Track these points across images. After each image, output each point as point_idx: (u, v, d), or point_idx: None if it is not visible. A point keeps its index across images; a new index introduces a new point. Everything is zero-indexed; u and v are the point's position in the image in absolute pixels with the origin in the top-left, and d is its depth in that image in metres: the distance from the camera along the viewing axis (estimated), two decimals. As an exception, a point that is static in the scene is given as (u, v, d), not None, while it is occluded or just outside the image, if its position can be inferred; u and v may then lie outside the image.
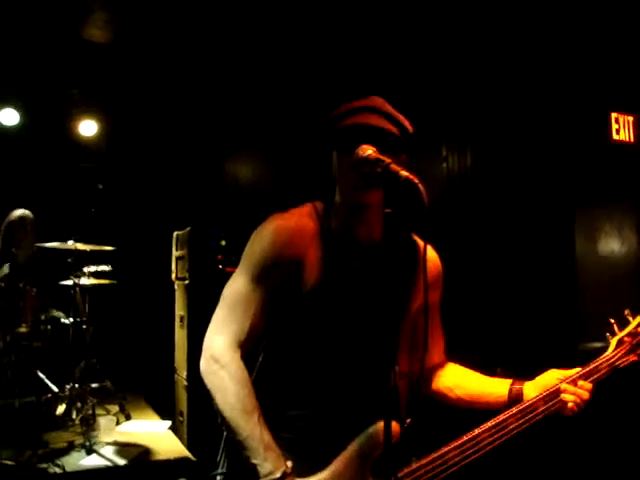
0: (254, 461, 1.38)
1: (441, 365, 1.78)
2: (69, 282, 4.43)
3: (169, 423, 4.42)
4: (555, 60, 4.73)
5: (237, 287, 1.54)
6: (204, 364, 1.49)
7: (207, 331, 1.54)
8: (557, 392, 1.59)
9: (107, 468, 3.48)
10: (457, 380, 1.74)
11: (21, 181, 5.45)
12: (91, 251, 4.52)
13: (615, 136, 4.65)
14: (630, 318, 1.75)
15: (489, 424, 1.54)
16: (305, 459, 1.45)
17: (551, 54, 4.70)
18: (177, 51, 5.30)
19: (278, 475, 1.35)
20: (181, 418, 4.59)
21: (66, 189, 5.77)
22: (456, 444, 1.51)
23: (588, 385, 1.60)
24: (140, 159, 6.02)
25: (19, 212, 4.48)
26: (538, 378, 1.65)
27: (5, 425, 3.82)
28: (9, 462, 3.42)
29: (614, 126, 4.64)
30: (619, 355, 1.68)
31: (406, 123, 1.55)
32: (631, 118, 4.71)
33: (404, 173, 1.28)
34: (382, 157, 1.35)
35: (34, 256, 4.52)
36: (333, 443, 1.46)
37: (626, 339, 1.71)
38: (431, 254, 1.68)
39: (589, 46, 4.70)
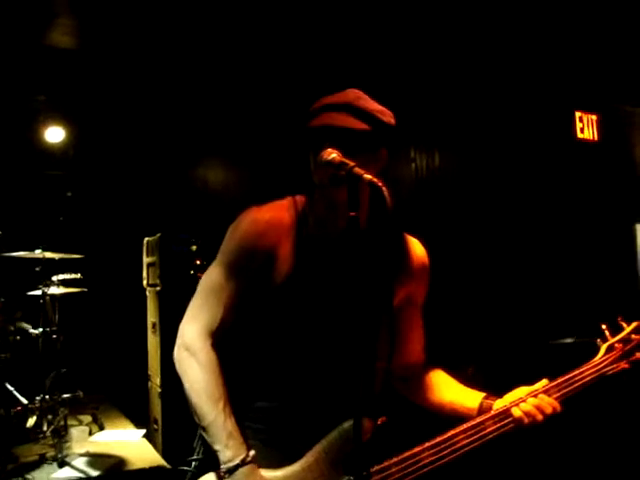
0: (216, 447, 1.42)
1: (419, 364, 1.76)
2: (37, 292, 4.34)
3: (143, 431, 4.37)
4: (521, 62, 4.81)
5: (211, 277, 1.57)
6: (176, 351, 1.53)
7: (182, 319, 1.57)
8: (507, 411, 1.55)
9: (80, 480, 3.42)
10: (433, 383, 1.73)
11: (-14, 190, 5.34)
12: (60, 259, 4.44)
13: (579, 134, 4.74)
14: (624, 324, 1.70)
15: (465, 426, 1.54)
16: (273, 450, 1.48)
17: (517, 57, 4.77)
18: (144, 56, 5.27)
19: (236, 462, 1.39)
20: (155, 426, 4.54)
21: (33, 197, 5.67)
22: (430, 444, 1.51)
23: (550, 400, 1.56)
24: (108, 165, 5.94)
25: None
26: (507, 395, 1.62)
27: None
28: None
29: (578, 125, 4.73)
30: (608, 362, 1.62)
31: (384, 116, 1.52)
32: (595, 117, 4.81)
33: (367, 176, 1.28)
34: (346, 160, 1.34)
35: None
36: (301, 436, 1.47)
37: (617, 345, 1.65)
38: (418, 249, 1.69)
39: (554, 47, 4.79)
